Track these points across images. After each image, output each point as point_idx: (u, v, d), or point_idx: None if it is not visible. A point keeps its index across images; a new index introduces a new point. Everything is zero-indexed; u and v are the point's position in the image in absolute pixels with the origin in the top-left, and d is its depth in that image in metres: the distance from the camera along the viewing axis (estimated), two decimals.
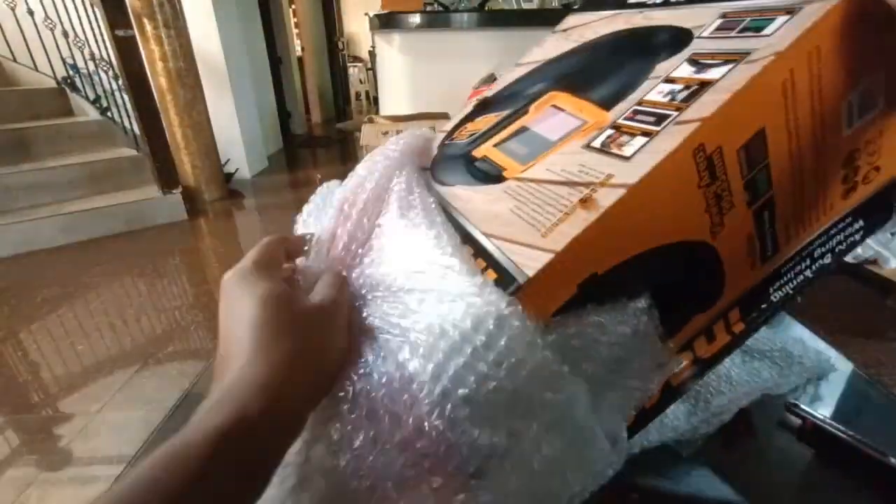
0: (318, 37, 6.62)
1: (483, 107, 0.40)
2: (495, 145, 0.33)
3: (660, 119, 0.24)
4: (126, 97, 2.68)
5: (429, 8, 3.66)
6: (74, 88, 3.08)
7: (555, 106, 0.32)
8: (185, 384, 0.43)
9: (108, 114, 2.97)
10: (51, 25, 2.69)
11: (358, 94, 6.99)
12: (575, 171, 0.25)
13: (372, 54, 5.29)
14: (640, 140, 0.24)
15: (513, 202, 0.27)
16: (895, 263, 1.75)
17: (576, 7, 0.51)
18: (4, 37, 2.78)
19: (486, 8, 3.67)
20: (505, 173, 0.29)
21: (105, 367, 1.57)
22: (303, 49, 6.18)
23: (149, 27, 2.72)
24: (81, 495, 1.12)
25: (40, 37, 2.75)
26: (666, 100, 0.25)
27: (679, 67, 0.26)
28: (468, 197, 0.30)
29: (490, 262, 0.25)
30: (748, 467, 0.36)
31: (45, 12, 2.68)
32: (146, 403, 1.40)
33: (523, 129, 0.33)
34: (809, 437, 0.37)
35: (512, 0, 3.72)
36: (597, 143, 0.26)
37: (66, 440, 1.28)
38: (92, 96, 3.00)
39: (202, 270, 2.24)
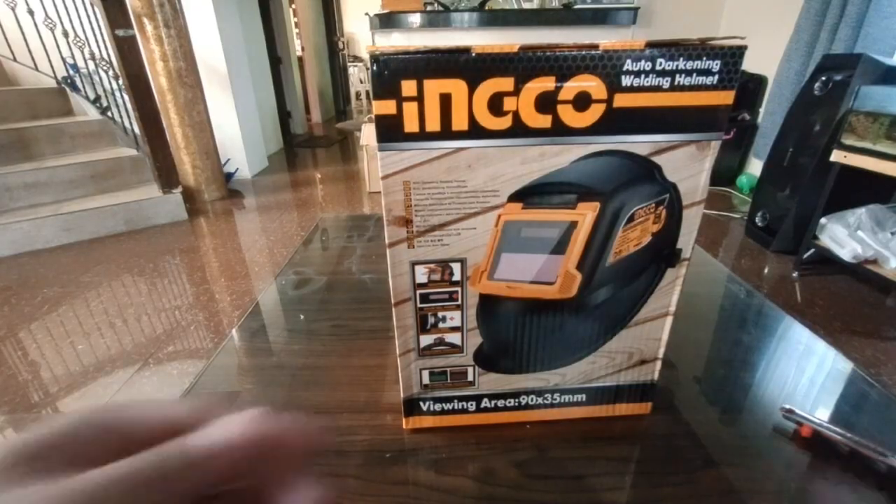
0: (318, 37, 6.63)
1: None
2: None
3: None
4: (126, 97, 2.68)
5: (429, 8, 3.67)
6: (74, 88, 3.08)
7: None
8: (185, 384, 0.43)
9: (109, 113, 2.97)
10: (51, 25, 2.70)
11: (358, 94, 6.99)
12: None
13: None
14: None
15: None
16: (895, 263, 1.75)
17: (576, 7, 0.51)
18: (4, 36, 2.78)
19: (486, 8, 3.67)
20: None
21: (105, 367, 1.57)
22: (303, 49, 6.18)
23: (149, 27, 2.72)
24: None
25: (40, 36, 2.75)
26: None
27: None
28: None
29: None
30: (746, 471, 0.36)
31: (46, 12, 2.68)
32: None
33: None
34: (807, 442, 0.37)
35: (512, 0, 3.72)
36: None
37: None
38: (92, 96, 3.00)
39: (202, 270, 2.24)
